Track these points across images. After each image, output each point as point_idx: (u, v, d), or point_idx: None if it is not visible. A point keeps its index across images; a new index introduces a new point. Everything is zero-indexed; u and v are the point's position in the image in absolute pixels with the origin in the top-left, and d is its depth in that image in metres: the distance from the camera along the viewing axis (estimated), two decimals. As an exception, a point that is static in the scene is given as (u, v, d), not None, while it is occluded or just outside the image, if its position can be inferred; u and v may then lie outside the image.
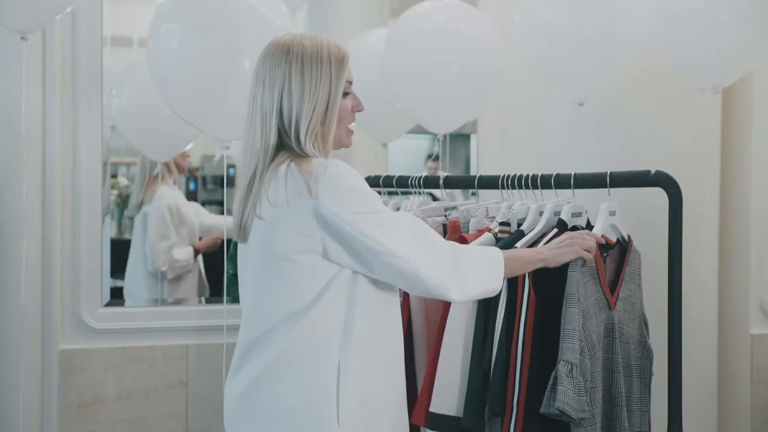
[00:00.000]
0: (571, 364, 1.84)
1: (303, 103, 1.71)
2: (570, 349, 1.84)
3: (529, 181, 2.24)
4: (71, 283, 3.16)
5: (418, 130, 3.20)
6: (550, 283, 2.07)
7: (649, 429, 2.08)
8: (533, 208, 2.23)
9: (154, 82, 2.45)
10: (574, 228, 2.17)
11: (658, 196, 2.10)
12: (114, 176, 3.73)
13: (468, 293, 1.78)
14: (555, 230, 2.13)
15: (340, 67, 1.74)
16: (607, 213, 2.10)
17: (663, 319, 2.06)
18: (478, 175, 2.44)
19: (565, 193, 2.21)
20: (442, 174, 2.54)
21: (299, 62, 1.72)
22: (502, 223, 2.26)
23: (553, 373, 1.87)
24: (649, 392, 2.10)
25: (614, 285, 2.06)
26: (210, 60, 2.31)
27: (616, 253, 2.10)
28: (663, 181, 2.02)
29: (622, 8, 2.45)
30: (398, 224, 1.72)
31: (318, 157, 1.71)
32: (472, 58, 2.68)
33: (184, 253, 3.70)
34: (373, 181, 2.75)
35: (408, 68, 2.72)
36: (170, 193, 3.71)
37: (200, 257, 3.78)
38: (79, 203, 3.16)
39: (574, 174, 2.16)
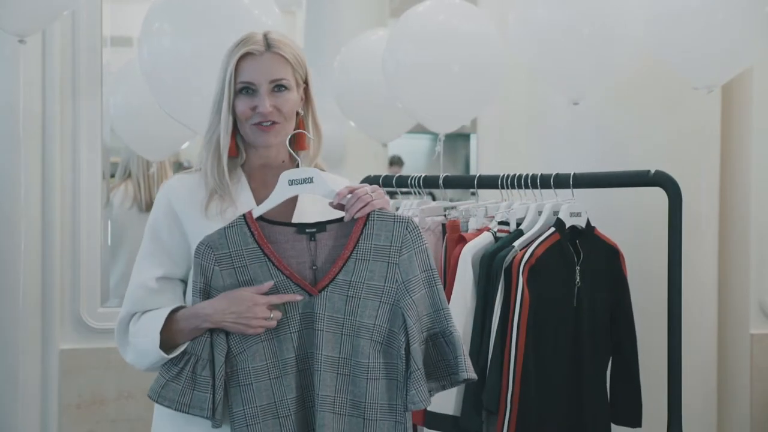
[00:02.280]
0: (183, 351, 1.61)
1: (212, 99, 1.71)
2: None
3: (529, 181, 2.24)
4: (71, 282, 3.16)
5: (419, 129, 3.20)
6: (544, 283, 2.08)
7: None
8: (532, 207, 2.23)
9: (145, 81, 2.46)
10: (573, 228, 2.17)
11: (657, 196, 2.09)
12: (113, 176, 3.73)
13: (133, 364, 1.69)
14: (552, 229, 2.13)
15: (230, 61, 1.67)
16: (287, 183, 1.66)
17: (663, 319, 2.06)
18: (478, 175, 2.44)
19: (564, 193, 2.21)
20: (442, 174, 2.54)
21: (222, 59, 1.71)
22: (501, 223, 2.26)
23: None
24: (399, 396, 1.62)
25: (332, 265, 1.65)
26: (200, 60, 2.31)
27: (345, 228, 1.66)
28: (662, 180, 2.02)
29: (618, 7, 2.45)
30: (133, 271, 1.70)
31: (200, 166, 1.71)
32: (474, 56, 2.68)
33: None
34: (373, 181, 2.75)
35: (409, 67, 2.72)
36: None
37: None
38: (79, 203, 3.16)
39: (574, 174, 2.16)
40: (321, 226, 1.65)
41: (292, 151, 1.69)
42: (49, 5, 2.64)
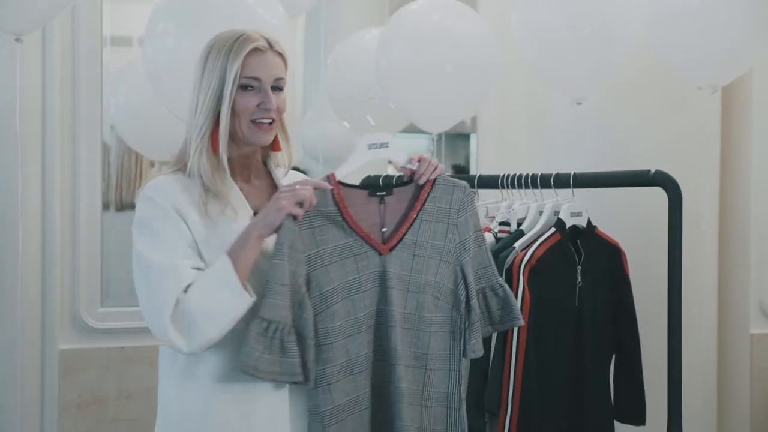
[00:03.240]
0: (268, 321, 1.59)
1: (198, 95, 1.65)
2: (268, 306, 1.59)
3: (529, 181, 2.24)
4: (71, 282, 3.16)
5: (417, 129, 3.20)
6: (544, 284, 2.08)
7: (458, 391, 1.77)
8: (533, 207, 2.23)
9: (149, 81, 2.45)
10: (574, 227, 2.17)
11: (657, 196, 2.10)
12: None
13: (200, 342, 1.57)
14: (553, 230, 2.13)
15: (234, 55, 1.63)
16: (366, 147, 1.76)
17: (663, 319, 2.06)
18: (478, 175, 2.44)
19: (564, 193, 2.21)
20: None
21: (206, 54, 1.67)
22: (501, 223, 2.26)
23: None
24: (461, 349, 1.76)
25: (400, 226, 1.76)
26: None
27: (412, 191, 1.79)
28: (663, 180, 2.01)
29: (618, 7, 2.45)
30: (138, 262, 1.62)
31: (185, 166, 1.67)
32: (466, 57, 2.67)
33: None
34: (373, 181, 2.74)
35: (401, 67, 2.71)
36: None
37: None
38: (79, 202, 3.16)
39: (574, 174, 2.16)
40: (389, 189, 1.77)
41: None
42: (46, 4, 2.63)
